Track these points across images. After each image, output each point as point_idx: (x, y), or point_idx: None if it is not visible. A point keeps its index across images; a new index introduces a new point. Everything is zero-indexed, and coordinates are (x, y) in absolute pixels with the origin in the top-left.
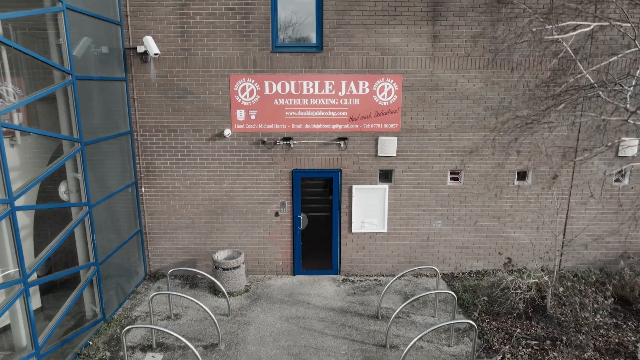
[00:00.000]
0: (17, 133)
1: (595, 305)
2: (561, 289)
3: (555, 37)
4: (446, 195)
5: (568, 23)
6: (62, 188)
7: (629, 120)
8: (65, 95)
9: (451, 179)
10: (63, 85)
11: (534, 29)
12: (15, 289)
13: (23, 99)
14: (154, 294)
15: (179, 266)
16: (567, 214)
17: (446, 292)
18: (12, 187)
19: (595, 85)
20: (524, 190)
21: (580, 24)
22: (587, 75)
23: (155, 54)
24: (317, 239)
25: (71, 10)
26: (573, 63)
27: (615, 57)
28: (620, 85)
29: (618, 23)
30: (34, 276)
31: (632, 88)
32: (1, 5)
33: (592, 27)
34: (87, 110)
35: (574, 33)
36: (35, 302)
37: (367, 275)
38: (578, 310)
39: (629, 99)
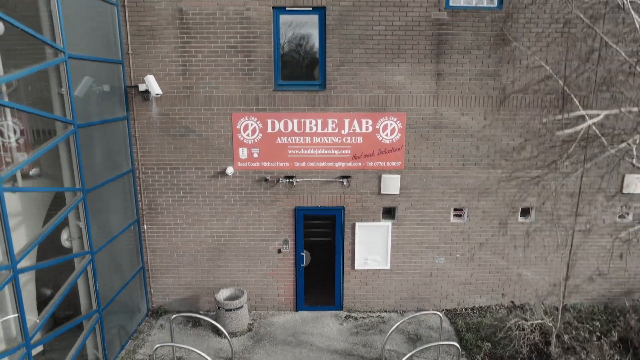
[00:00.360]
0: (19, 178)
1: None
2: (566, 337)
3: (568, 131)
4: (449, 232)
5: (579, 113)
6: (64, 235)
7: None
8: (67, 144)
9: (454, 215)
10: (65, 136)
11: (545, 120)
12: (18, 354)
13: (28, 156)
14: (157, 345)
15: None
16: (570, 251)
17: (450, 343)
18: (14, 239)
19: (602, 137)
20: (528, 227)
21: (590, 113)
22: (594, 127)
23: (157, 94)
24: (320, 274)
25: (73, 59)
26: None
27: (624, 144)
28: (628, 144)
29: (628, 109)
30: (38, 334)
31: (637, 144)
32: (5, 56)
33: (602, 115)
34: (88, 155)
35: (584, 125)
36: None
37: (369, 312)
38: None
39: (636, 157)
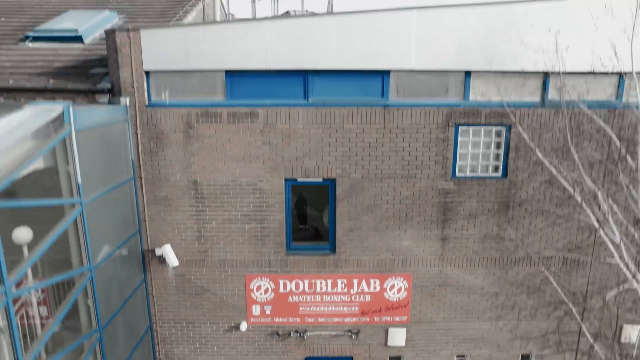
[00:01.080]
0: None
1: None
2: None
3: None
4: None
5: None
6: None
7: None
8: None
9: None
10: (93, 347)
11: None
12: None
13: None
14: None
15: None
16: None
17: None
18: None
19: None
20: None
21: None
22: None
23: (174, 266)
24: None
25: (97, 268)
26: None
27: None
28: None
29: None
30: None
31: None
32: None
33: None
34: (110, 340)
35: None
36: None
37: None
38: None
39: None
